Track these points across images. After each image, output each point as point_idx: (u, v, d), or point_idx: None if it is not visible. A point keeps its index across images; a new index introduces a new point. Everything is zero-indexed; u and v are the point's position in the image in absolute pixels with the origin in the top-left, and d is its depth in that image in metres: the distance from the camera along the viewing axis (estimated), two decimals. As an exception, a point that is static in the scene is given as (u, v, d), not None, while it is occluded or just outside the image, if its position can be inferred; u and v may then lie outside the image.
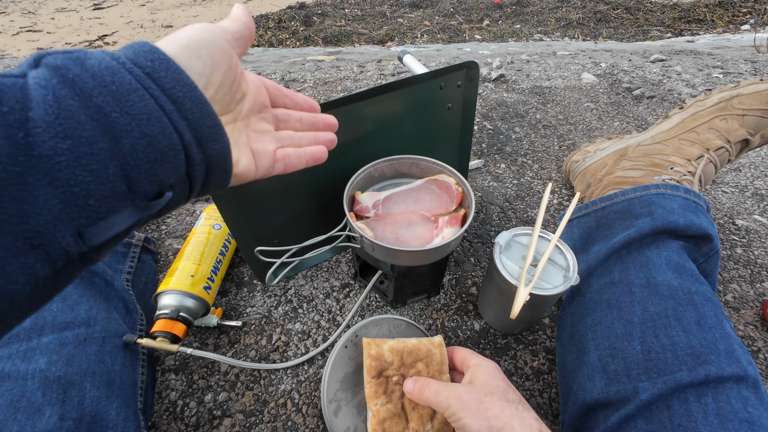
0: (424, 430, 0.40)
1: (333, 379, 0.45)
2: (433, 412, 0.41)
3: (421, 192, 0.55)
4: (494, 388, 0.36)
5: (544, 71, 1.36)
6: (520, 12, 4.06)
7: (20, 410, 0.34)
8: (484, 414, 0.33)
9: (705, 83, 1.25)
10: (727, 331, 0.40)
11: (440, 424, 0.41)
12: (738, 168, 0.89)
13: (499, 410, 0.33)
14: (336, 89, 1.25)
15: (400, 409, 0.41)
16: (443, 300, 0.61)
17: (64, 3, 5.06)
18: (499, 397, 0.34)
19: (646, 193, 0.55)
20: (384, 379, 0.42)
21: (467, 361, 0.41)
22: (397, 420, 0.40)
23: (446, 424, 0.41)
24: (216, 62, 0.25)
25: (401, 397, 0.41)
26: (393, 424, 0.40)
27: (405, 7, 4.52)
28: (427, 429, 0.40)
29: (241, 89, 0.28)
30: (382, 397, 0.41)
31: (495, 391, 0.35)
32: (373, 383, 0.41)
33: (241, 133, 0.29)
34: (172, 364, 0.53)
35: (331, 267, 0.66)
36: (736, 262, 0.66)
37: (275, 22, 4.07)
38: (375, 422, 0.40)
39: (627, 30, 3.41)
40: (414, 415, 0.40)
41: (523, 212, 0.76)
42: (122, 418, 0.40)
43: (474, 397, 0.35)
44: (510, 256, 0.49)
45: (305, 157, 0.35)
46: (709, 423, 0.34)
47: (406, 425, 0.40)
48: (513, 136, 0.99)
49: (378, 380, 0.42)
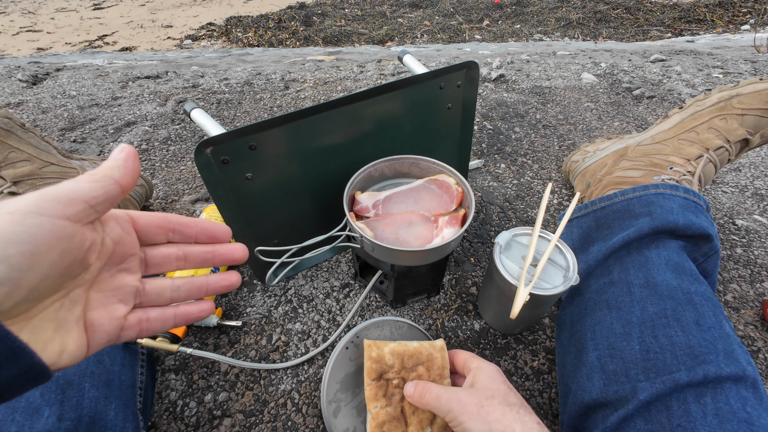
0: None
1: (333, 380, 0.45)
2: (433, 416, 0.41)
3: (421, 192, 0.55)
4: (495, 392, 0.36)
5: (544, 71, 1.36)
6: (520, 12, 4.06)
7: (18, 410, 0.34)
8: (485, 418, 0.33)
9: (705, 83, 1.25)
10: (727, 331, 0.40)
11: (440, 429, 0.41)
12: (738, 168, 0.89)
13: (500, 414, 0.33)
14: (336, 89, 1.25)
15: (400, 413, 0.40)
16: (443, 300, 0.61)
17: (64, 3, 5.06)
18: (500, 401, 0.34)
19: (646, 193, 0.55)
20: (384, 382, 0.42)
21: (468, 365, 0.41)
22: (397, 423, 0.40)
23: (446, 429, 0.41)
24: (34, 260, 0.19)
25: (401, 401, 0.41)
26: (392, 427, 0.40)
27: (405, 7, 4.51)
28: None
29: (83, 264, 0.22)
30: (382, 399, 0.41)
31: (496, 395, 0.35)
32: (373, 386, 0.41)
33: (72, 307, 0.22)
34: (172, 364, 0.53)
35: (331, 267, 0.66)
36: (736, 262, 0.66)
37: (275, 22, 4.06)
38: (374, 425, 0.40)
39: (627, 30, 3.41)
40: (414, 419, 0.40)
41: (523, 212, 0.76)
42: (121, 418, 0.39)
43: (475, 400, 0.35)
44: (510, 256, 0.49)
45: (174, 320, 0.28)
46: (708, 423, 0.34)
47: (405, 429, 0.40)
48: (513, 136, 0.99)
49: (378, 383, 0.41)
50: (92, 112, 1.10)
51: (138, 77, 1.33)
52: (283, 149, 0.50)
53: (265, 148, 0.48)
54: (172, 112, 1.10)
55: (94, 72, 1.39)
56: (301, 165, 0.53)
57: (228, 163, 0.47)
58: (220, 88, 1.25)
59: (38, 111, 1.10)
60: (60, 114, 1.09)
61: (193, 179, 0.84)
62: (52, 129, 1.02)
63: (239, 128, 0.44)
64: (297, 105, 1.16)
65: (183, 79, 1.32)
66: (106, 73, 1.38)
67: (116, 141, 0.97)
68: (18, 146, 0.55)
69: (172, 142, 0.97)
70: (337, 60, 1.58)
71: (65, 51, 3.28)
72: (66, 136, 0.99)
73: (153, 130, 1.01)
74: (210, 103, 1.16)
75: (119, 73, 1.38)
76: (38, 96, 1.19)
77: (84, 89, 1.24)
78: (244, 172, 0.49)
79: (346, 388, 0.45)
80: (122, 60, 1.69)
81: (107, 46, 3.75)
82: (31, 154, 0.56)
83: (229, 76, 1.34)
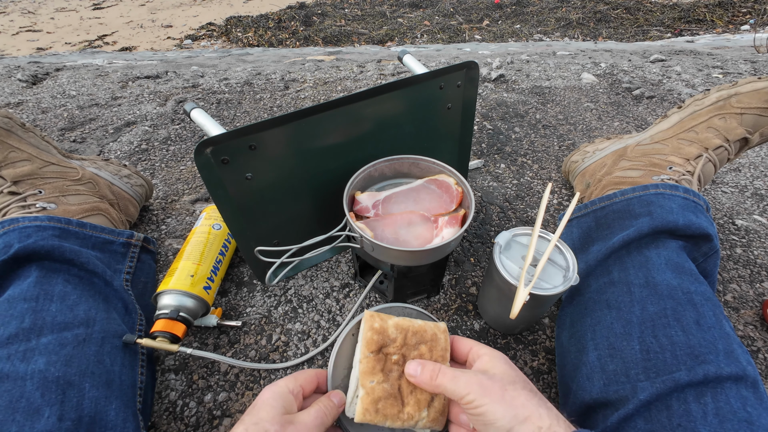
0: (419, 416, 0.38)
1: (339, 366, 0.43)
2: (431, 398, 0.39)
3: (421, 192, 0.55)
4: (515, 378, 0.35)
5: (544, 71, 1.36)
6: (520, 12, 4.06)
7: (19, 411, 0.34)
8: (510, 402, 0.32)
9: (705, 83, 1.25)
10: (726, 331, 0.40)
11: (437, 413, 0.39)
12: (738, 168, 0.89)
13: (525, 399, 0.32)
14: (336, 89, 1.25)
15: (397, 391, 0.38)
16: (443, 300, 0.61)
17: (63, 3, 5.06)
18: (522, 386, 0.34)
19: (646, 193, 0.55)
20: (383, 356, 0.39)
21: (477, 350, 0.39)
22: (393, 402, 0.37)
23: (442, 413, 0.39)
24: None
25: (399, 378, 0.39)
26: (387, 405, 0.37)
27: (405, 7, 4.51)
28: (422, 415, 0.38)
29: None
30: (379, 374, 0.38)
31: (517, 381, 0.34)
32: (371, 358, 0.38)
33: None
34: (172, 364, 0.53)
35: (331, 267, 0.66)
36: (736, 262, 0.67)
37: (275, 22, 4.07)
38: (368, 401, 0.37)
39: (627, 30, 3.41)
40: (411, 398, 0.38)
41: (523, 212, 0.76)
42: (121, 418, 0.39)
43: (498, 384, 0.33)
44: (510, 256, 0.49)
45: None
46: (708, 423, 0.34)
47: (401, 408, 0.38)
48: (513, 136, 0.99)
49: (377, 356, 0.39)
50: (92, 112, 1.10)
51: (138, 77, 1.33)
52: (283, 149, 0.50)
53: (265, 148, 0.48)
54: (172, 112, 1.10)
55: (93, 72, 1.39)
56: (301, 165, 0.53)
57: (228, 163, 0.46)
58: (220, 88, 1.25)
59: (38, 111, 1.10)
60: (60, 114, 1.09)
61: (193, 179, 0.84)
62: (51, 129, 1.01)
63: (239, 128, 0.44)
64: (297, 105, 1.16)
65: (183, 79, 1.32)
66: (106, 73, 1.38)
67: (116, 141, 0.97)
68: (18, 146, 0.55)
69: (172, 142, 0.97)
70: (337, 60, 1.58)
71: (65, 51, 3.28)
72: (66, 136, 0.99)
73: (153, 130, 1.01)
74: (210, 103, 1.16)
75: (119, 73, 1.38)
76: (38, 96, 1.19)
77: (84, 89, 1.24)
78: (244, 172, 0.49)
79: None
80: (122, 60, 1.69)
81: (107, 46, 3.75)
82: (31, 154, 0.56)
83: (229, 76, 1.34)
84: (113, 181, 0.66)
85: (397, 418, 0.37)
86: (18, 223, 0.49)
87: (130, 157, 0.91)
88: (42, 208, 0.53)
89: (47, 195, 0.55)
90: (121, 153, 0.93)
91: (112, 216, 0.60)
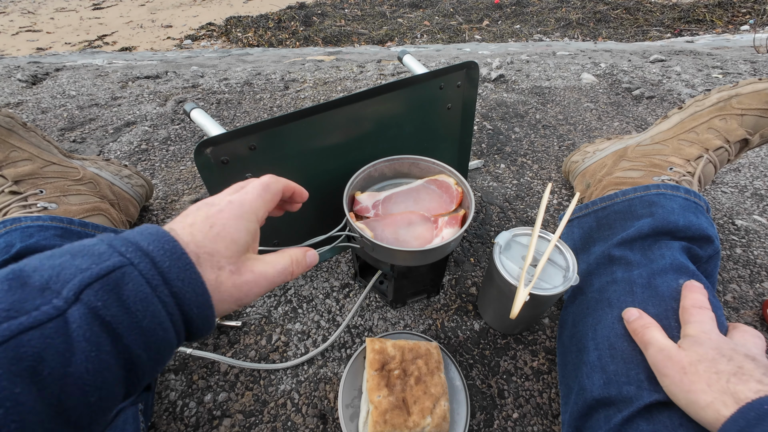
0: (424, 423, 0.41)
1: (350, 386, 0.47)
2: (433, 406, 0.42)
3: (421, 192, 0.55)
4: (703, 356, 0.31)
5: (544, 71, 1.36)
6: (520, 12, 4.06)
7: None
8: (688, 387, 0.29)
9: (704, 83, 1.25)
10: (727, 331, 0.40)
11: (439, 419, 0.42)
12: (737, 168, 0.89)
13: (705, 384, 0.29)
14: (336, 89, 1.25)
15: (402, 402, 0.42)
16: (443, 300, 0.61)
17: (63, 3, 5.06)
18: (706, 367, 0.30)
19: (647, 193, 0.55)
20: (386, 373, 0.44)
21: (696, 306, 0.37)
22: (399, 412, 0.42)
23: (444, 419, 0.42)
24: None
25: (402, 391, 0.43)
26: (395, 415, 0.41)
27: (405, 7, 4.51)
28: (426, 422, 0.41)
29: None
30: (384, 389, 0.43)
31: (703, 359, 0.31)
32: (376, 375, 0.44)
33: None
34: (172, 364, 0.52)
35: (331, 267, 0.66)
36: (736, 262, 0.67)
37: (275, 22, 4.07)
38: (377, 414, 0.41)
39: (627, 30, 3.42)
40: (415, 408, 0.42)
41: (523, 212, 0.76)
42: (121, 419, 0.39)
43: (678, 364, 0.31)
44: (510, 256, 0.49)
45: None
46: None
47: (407, 418, 0.41)
48: (513, 136, 0.99)
49: (381, 373, 0.44)
50: (92, 112, 1.10)
51: (138, 77, 1.33)
52: (282, 149, 0.50)
53: (264, 149, 0.48)
54: (172, 112, 1.10)
55: (93, 72, 1.39)
56: (300, 165, 0.53)
57: (228, 163, 0.46)
58: (220, 88, 1.25)
59: (38, 111, 1.10)
60: (60, 114, 1.09)
61: (192, 179, 0.84)
62: (51, 129, 1.01)
63: (239, 128, 0.44)
64: (297, 105, 1.16)
65: (183, 79, 1.32)
66: (106, 73, 1.38)
67: (116, 141, 0.97)
68: (19, 145, 0.55)
69: (171, 142, 0.97)
70: (336, 60, 1.58)
71: (65, 51, 3.28)
72: (66, 136, 0.99)
73: (153, 130, 1.01)
74: (210, 103, 1.16)
75: (119, 73, 1.38)
76: (38, 96, 1.19)
77: (84, 89, 1.24)
78: (243, 172, 0.49)
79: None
80: (122, 60, 1.69)
81: (107, 46, 3.75)
82: (32, 154, 0.56)
83: (228, 76, 1.34)
84: (114, 181, 0.66)
85: (404, 426, 0.41)
86: (20, 223, 0.48)
87: (130, 157, 0.91)
88: (43, 208, 0.53)
89: (48, 195, 0.55)
90: (121, 153, 0.93)
91: (112, 216, 0.60)
